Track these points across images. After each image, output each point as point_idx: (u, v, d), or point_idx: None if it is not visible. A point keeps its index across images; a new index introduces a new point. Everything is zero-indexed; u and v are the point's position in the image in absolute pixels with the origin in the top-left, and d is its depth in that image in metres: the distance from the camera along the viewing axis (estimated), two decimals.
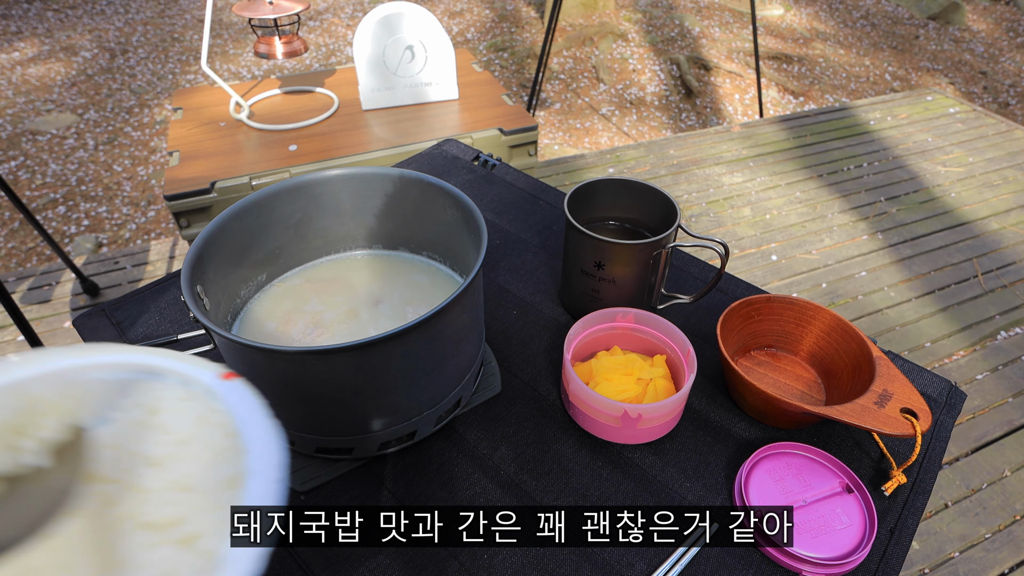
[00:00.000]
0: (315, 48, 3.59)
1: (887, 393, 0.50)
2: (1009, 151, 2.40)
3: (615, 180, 0.64)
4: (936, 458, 0.53)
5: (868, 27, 4.04)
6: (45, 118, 2.86)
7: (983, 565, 1.18)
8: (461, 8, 4.11)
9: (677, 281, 0.72)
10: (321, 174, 0.56)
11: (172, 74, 3.30)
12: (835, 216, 2.06)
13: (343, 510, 0.49)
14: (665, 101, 3.12)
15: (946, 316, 1.70)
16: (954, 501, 1.28)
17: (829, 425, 0.56)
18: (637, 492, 0.51)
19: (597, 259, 0.58)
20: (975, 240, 1.97)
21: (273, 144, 1.43)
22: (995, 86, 3.38)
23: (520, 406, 0.57)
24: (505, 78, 3.29)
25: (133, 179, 2.47)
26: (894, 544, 0.47)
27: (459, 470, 0.52)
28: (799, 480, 0.50)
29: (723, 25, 3.94)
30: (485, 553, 0.46)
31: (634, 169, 2.28)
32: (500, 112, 1.54)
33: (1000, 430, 1.41)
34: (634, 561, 0.46)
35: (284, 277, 0.60)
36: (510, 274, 0.73)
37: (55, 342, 1.56)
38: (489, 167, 0.92)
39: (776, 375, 0.60)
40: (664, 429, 0.53)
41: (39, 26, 3.82)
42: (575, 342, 0.57)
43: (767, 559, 0.47)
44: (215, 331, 0.41)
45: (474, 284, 0.47)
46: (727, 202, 2.12)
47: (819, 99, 3.18)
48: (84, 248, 2.11)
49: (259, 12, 1.31)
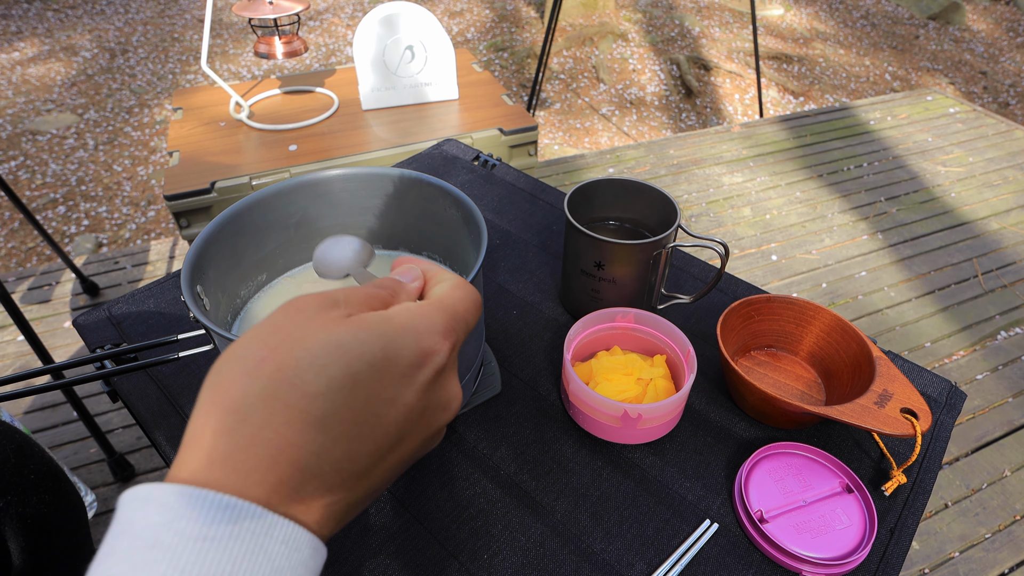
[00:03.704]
0: (315, 48, 3.59)
1: (887, 393, 0.50)
2: (1009, 151, 2.40)
3: (615, 180, 0.64)
4: (936, 458, 0.53)
5: (868, 27, 4.04)
6: (45, 118, 2.86)
7: (983, 565, 1.18)
8: (461, 8, 4.11)
9: (677, 281, 0.72)
10: (321, 174, 0.56)
11: (172, 74, 3.30)
12: (835, 216, 2.06)
13: None
14: (665, 101, 3.12)
15: (946, 316, 1.70)
16: (954, 501, 1.28)
17: (829, 425, 0.56)
18: (637, 492, 0.51)
19: (597, 259, 0.58)
20: (975, 240, 1.97)
21: (273, 144, 1.43)
22: (995, 86, 3.38)
23: (520, 406, 0.57)
24: (505, 78, 3.29)
25: (133, 179, 2.48)
26: (894, 544, 0.47)
27: (459, 470, 0.52)
28: (799, 480, 0.50)
29: (723, 25, 3.94)
30: (485, 553, 0.46)
31: (634, 169, 2.28)
32: (500, 112, 1.54)
33: (1000, 430, 1.41)
34: (634, 561, 0.46)
35: (284, 277, 0.60)
36: (510, 274, 0.73)
37: (55, 342, 1.56)
38: (489, 167, 0.92)
39: (776, 375, 0.60)
40: (664, 429, 0.53)
41: (39, 26, 3.82)
42: (575, 342, 0.57)
43: (767, 559, 0.47)
44: (215, 331, 0.41)
45: (474, 284, 0.47)
46: (727, 202, 2.12)
47: (819, 99, 3.18)
48: (84, 248, 2.11)
49: (259, 12, 1.31)
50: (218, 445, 0.20)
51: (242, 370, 0.21)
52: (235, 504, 0.19)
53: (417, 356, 0.23)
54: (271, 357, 0.21)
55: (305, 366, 0.21)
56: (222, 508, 0.19)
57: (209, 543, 0.18)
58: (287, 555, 0.20)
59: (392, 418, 0.23)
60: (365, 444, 0.22)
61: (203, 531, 0.19)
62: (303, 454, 0.20)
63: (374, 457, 0.23)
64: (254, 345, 0.22)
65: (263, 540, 0.19)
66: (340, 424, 0.21)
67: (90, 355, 0.55)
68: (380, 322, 0.23)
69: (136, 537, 0.19)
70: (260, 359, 0.21)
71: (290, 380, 0.21)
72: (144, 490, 0.20)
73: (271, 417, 0.20)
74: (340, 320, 0.23)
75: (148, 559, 0.18)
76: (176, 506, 0.19)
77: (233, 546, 0.19)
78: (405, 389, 0.23)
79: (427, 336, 0.24)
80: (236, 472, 0.20)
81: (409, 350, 0.23)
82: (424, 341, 0.24)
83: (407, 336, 0.23)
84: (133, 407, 0.57)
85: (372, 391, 0.22)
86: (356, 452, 0.22)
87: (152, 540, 0.18)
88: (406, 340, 0.23)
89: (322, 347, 0.21)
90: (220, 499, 0.19)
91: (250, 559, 0.19)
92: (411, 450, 0.25)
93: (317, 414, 0.21)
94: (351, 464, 0.22)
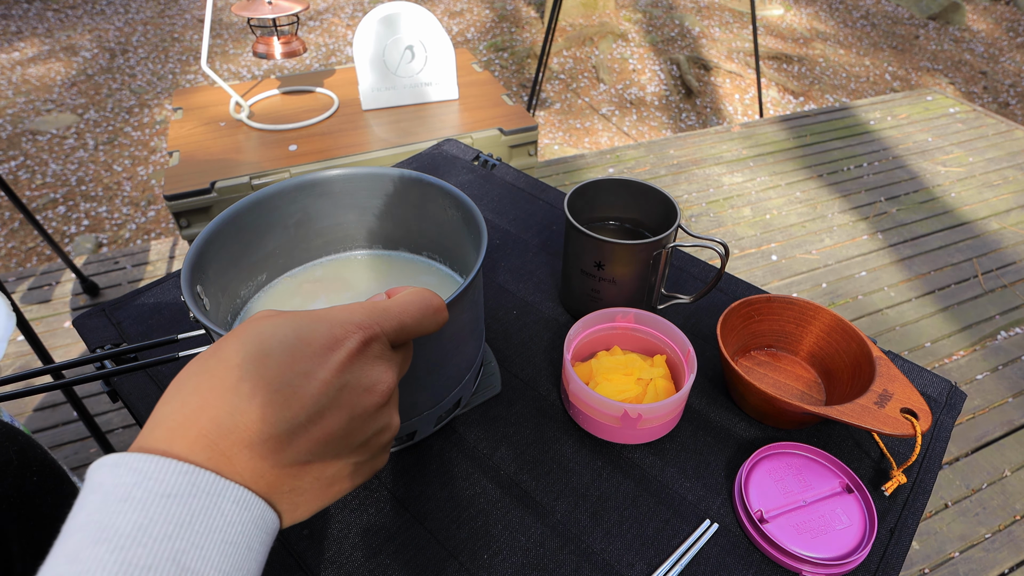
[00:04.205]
0: (315, 48, 3.59)
1: (887, 393, 0.50)
2: (1009, 151, 2.40)
3: (615, 180, 0.64)
4: (936, 458, 0.53)
5: (868, 27, 4.04)
6: (45, 118, 2.86)
7: (983, 565, 1.18)
8: (461, 8, 4.11)
9: (677, 281, 0.72)
10: (321, 174, 0.56)
11: (172, 74, 3.30)
12: (835, 216, 2.06)
13: (343, 510, 0.49)
14: (665, 101, 3.12)
15: (946, 316, 1.70)
16: (954, 501, 1.28)
17: (829, 425, 0.56)
18: (637, 492, 0.51)
19: (597, 259, 0.58)
20: (975, 240, 1.97)
21: (273, 144, 1.43)
22: (995, 86, 3.38)
23: (520, 406, 0.57)
24: (505, 78, 3.29)
25: (133, 179, 2.48)
26: (894, 544, 0.47)
27: (459, 470, 0.52)
28: (799, 480, 0.50)
29: (723, 25, 3.94)
30: (485, 553, 0.46)
31: (634, 169, 2.28)
32: (500, 112, 1.54)
33: (1000, 430, 1.41)
34: (634, 561, 0.46)
35: (284, 277, 0.60)
36: (510, 274, 0.73)
37: (55, 342, 1.56)
38: (489, 167, 0.92)
39: (776, 375, 0.60)
40: (664, 429, 0.53)
41: (39, 26, 3.82)
42: (575, 342, 0.57)
43: (767, 559, 0.47)
44: (215, 331, 0.41)
45: (474, 284, 0.47)
46: (727, 202, 2.12)
47: (819, 99, 3.18)
48: (84, 248, 2.11)
49: (258, 12, 1.31)
50: (160, 412, 0.25)
51: (196, 358, 0.27)
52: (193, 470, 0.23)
53: (328, 340, 0.27)
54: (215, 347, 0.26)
55: (230, 347, 0.26)
56: (182, 472, 0.23)
57: (173, 499, 0.22)
58: (238, 512, 0.24)
59: (308, 391, 0.26)
60: (280, 409, 0.25)
61: (167, 489, 0.22)
62: (220, 412, 0.24)
63: (292, 423, 0.25)
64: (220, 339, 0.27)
65: (217, 499, 0.23)
66: (253, 389, 0.25)
67: (90, 355, 0.55)
68: (301, 315, 0.28)
69: (109, 494, 0.22)
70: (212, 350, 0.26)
71: (217, 357, 0.26)
72: (114, 457, 0.23)
73: (198, 385, 0.25)
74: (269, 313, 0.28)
75: (121, 510, 0.21)
76: (144, 469, 0.22)
77: (192, 502, 0.22)
78: (318, 366, 0.26)
79: (341, 325, 0.28)
80: (169, 430, 0.24)
81: (320, 334, 0.27)
82: (337, 328, 0.28)
83: (321, 324, 0.27)
84: (133, 407, 0.57)
85: (284, 364, 0.25)
86: (272, 416, 0.25)
87: (124, 495, 0.22)
88: (319, 327, 0.27)
89: (247, 332, 0.27)
90: (181, 465, 0.23)
91: (206, 513, 0.23)
92: (337, 425, 0.27)
93: (232, 380, 0.25)
94: (267, 426, 0.25)
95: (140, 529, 0.21)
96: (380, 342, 0.29)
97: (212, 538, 0.22)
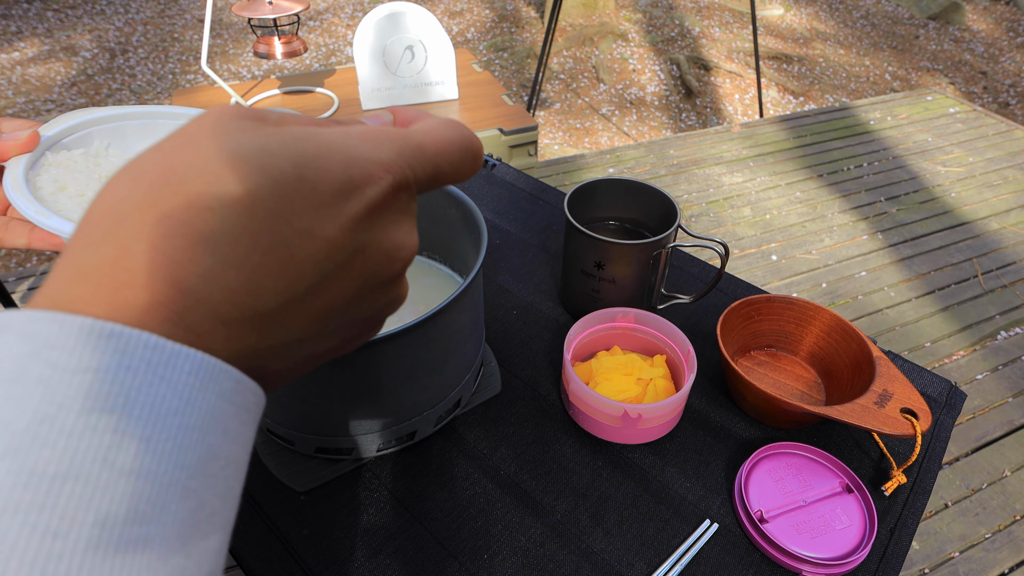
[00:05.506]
0: (315, 48, 3.59)
1: (887, 393, 0.50)
2: (1009, 151, 2.40)
3: (615, 180, 0.64)
4: (936, 458, 0.54)
5: (868, 27, 4.04)
6: (45, 118, 2.86)
7: (983, 565, 1.18)
8: (461, 8, 4.11)
9: (677, 281, 0.72)
10: None
11: (172, 74, 3.30)
12: (835, 216, 2.06)
13: (343, 510, 0.49)
14: (665, 101, 3.12)
15: (946, 316, 1.70)
16: (954, 501, 1.28)
17: (829, 425, 0.56)
18: (637, 492, 0.51)
19: (597, 259, 0.58)
20: (975, 240, 1.97)
21: None
22: (995, 86, 3.38)
23: (520, 406, 0.57)
24: (505, 78, 3.29)
25: None
26: (894, 544, 0.47)
27: (459, 470, 0.52)
28: (799, 480, 0.50)
29: (723, 25, 3.94)
30: (485, 553, 0.46)
31: (634, 169, 2.28)
32: (500, 112, 1.54)
33: (1000, 430, 1.41)
34: (634, 561, 0.46)
35: None
36: (510, 274, 0.73)
37: None
38: (489, 167, 0.92)
39: (776, 375, 0.60)
40: (664, 429, 0.53)
41: (39, 26, 3.82)
42: (575, 342, 0.57)
43: (767, 559, 0.47)
44: None
45: (474, 284, 0.47)
46: (727, 202, 2.12)
47: (819, 99, 3.19)
48: None
49: (259, 12, 1.31)
50: (85, 257, 0.16)
51: (127, 177, 0.17)
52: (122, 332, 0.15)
53: (343, 183, 0.19)
54: (162, 162, 0.17)
55: (195, 174, 0.17)
56: (105, 336, 0.15)
57: (93, 375, 0.15)
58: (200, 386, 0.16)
59: (308, 253, 0.18)
60: (269, 278, 0.18)
61: (82, 363, 0.15)
62: (186, 274, 0.17)
63: (284, 296, 0.18)
64: (151, 151, 0.18)
65: (164, 371, 0.16)
66: (234, 247, 0.17)
67: None
68: (301, 137, 0.19)
69: None
70: (150, 164, 0.17)
71: (174, 187, 0.17)
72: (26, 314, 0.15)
73: (148, 227, 0.16)
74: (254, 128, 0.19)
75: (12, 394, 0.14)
76: (44, 334, 0.15)
77: (126, 378, 0.15)
78: (325, 220, 0.19)
79: (362, 163, 0.20)
80: (102, 288, 0.16)
81: (332, 174, 0.19)
82: (355, 168, 0.19)
83: (333, 158, 0.19)
84: None
85: (277, 215, 0.18)
86: (258, 284, 0.18)
87: (15, 374, 0.14)
88: (331, 162, 0.19)
89: (219, 154, 0.17)
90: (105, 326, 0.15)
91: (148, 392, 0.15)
92: (343, 298, 0.20)
93: (203, 230, 0.17)
94: (251, 299, 0.18)
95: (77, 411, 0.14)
96: (409, 192, 0.22)
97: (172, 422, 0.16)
